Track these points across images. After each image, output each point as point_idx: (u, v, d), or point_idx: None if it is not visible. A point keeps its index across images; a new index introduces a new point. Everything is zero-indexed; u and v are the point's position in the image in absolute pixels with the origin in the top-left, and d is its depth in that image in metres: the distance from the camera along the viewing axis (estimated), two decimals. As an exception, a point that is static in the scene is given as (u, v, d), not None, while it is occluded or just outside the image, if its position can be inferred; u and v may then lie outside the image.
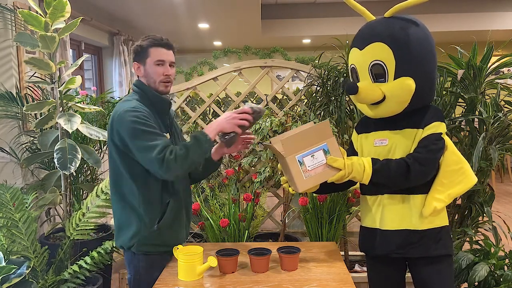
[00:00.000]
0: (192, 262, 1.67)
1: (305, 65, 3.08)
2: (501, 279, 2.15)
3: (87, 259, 2.39)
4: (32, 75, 3.06)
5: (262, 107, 1.76)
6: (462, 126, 2.49)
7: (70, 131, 2.50)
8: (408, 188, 1.67)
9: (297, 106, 3.15)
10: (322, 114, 2.88)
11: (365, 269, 2.81)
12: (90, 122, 3.06)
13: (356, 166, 1.62)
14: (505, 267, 2.20)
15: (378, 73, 1.66)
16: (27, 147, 2.99)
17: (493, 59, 2.40)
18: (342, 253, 2.80)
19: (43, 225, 3.13)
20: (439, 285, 1.70)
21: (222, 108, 4.50)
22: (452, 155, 1.69)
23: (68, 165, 2.48)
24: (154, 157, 1.60)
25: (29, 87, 3.09)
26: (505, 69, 4.88)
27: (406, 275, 1.85)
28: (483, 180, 2.41)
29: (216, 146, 1.89)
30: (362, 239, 1.86)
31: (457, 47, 2.58)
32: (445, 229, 1.71)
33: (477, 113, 2.36)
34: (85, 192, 3.19)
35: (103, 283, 2.66)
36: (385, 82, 1.66)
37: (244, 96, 3.21)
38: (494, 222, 2.37)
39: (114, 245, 2.42)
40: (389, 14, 1.69)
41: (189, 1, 4.65)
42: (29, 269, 1.99)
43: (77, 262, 2.40)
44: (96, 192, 2.58)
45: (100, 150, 3.23)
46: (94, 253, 2.41)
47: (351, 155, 1.74)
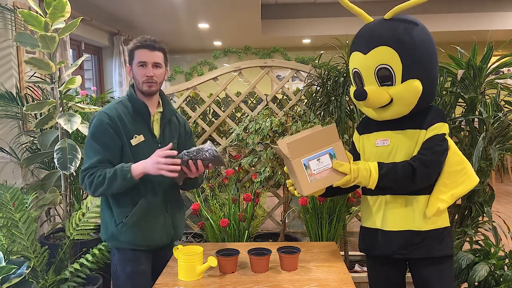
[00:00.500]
0: (192, 262, 1.67)
1: (305, 65, 3.07)
2: (501, 279, 2.15)
3: (88, 256, 2.40)
4: (32, 75, 3.06)
5: (210, 150, 1.70)
6: (462, 126, 2.49)
7: (70, 131, 2.51)
8: None
9: (297, 106, 3.15)
10: (322, 114, 2.88)
11: (365, 269, 2.81)
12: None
13: (362, 171, 1.61)
14: (505, 267, 2.20)
15: (384, 76, 1.65)
16: (27, 147, 2.99)
17: (493, 59, 2.40)
18: (342, 253, 2.80)
19: (43, 225, 3.13)
20: (440, 285, 1.70)
21: (222, 108, 4.49)
22: (455, 156, 1.69)
23: (68, 165, 2.48)
24: (81, 171, 1.78)
25: (29, 87, 3.09)
26: (505, 69, 4.88)
27: (406, 275, 1.85)
28: (483, 180, 2.41)
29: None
30: (362, 239, 1.86)
31: (457, 47, 2.57)
32: (447, 230, 1.72)
33: (477, 113, 2.35)
34: (85, 192, 3.19)
35: (103, 283, 2.66)
36: (392, 85, 1.65)
37: (244, 96, 3.21)
38: (494, 222, 2.37)
39: None
40: (389, 16, 1.68)
41: (189, 1, 4.65)
42: (29, 269, 1.99)
43: (78, 260, 2.40)
44: (96, 192, 2.57)
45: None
46: (95, 250, 2.42)
47: (352, 156, 1.74)
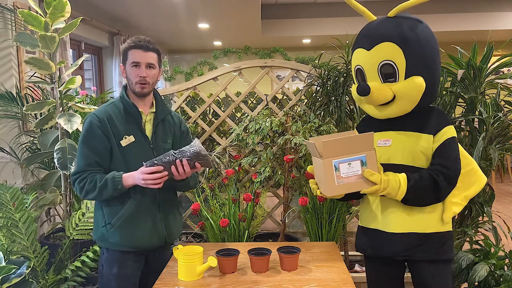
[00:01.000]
0: (192, 262, 1.67)
1: (305, 65, 3.07)
2: (501, 279, 2.15)
3: (89, 253, 2.40)
4: (32, 75, 3.06)
5: (194, 147, 1.70)
6: (462, 126, 2.49)
7: (70, 131, 2.51)
8: None
9: (297, 106, 3.15)
10: (322, 114, 2.88)
11: (365, 269, 2.80)
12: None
13: (392, 183, 1.60)
14: (505, 267, 2.20)
15: (387, 73, 1.64)
16: (27, 147, 2.99)
17: (493, 59, 2.40)
18: (342, 253, 2.80)
19: (43, 225, 3.13)
20: (440, 286, 1.70)
21: (222, 108, 4.49)
22: (463, 158, 1.70)
23: (68, 165, 2.48)
24: (71, 174, 1.81)
25: (29, 87, 3.09)
26: (505, 69, 4.88)
27: (405, 275, 1.85)
28: (483, 180, 2.41)
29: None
30: (362, 239, 1.84)
31: (457, 47, 2.58)
32: (449, 233, 1.72)
33: (477, 113, 2.35)
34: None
35: (103, 283, 2.66)
36: (395, 82, 1.64)
37: (244, 96, 3.21)
38: (494, 222, 2.37)
39: None
40: (392, 14, 1.68)
41: (189, 1, 4.65)
42: (29, 269, 2.00)
43: (79, 258, 2.40)
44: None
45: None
46: (96, 247, 2.42)
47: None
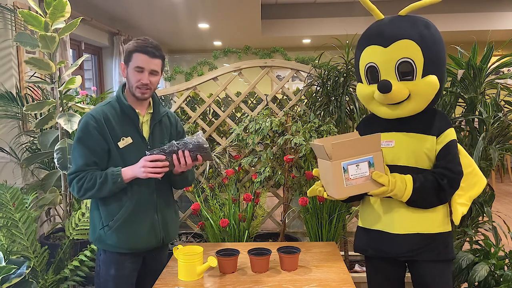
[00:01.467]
0: (192, 262, 1.67)
1: (305, 65, 3.07)
2: (501, 279, 2.15)
3: (87, 252, 2.40)
4: (32, 75, 3.06)
5: (195, 138, 1.72)
6: (462, 126, 2.49)
7: (70, 131, 2.51)
8: None
9: (297, 106, 3.15)
10: (322, 114, 2.88)
11: (365, 269, 2.80)
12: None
13: (398, 184, 1.60)
14: (505, 267, 2.20)
15: (405, 71, 1.62)
16: (27, 147, 2.99)
17: (493, 59, 2.40)
18: (342, 253, 2.80)
19: (43, 225, 3.13)
20: (441, 286, 1.70)
21: (222, 108, 4.49)
22: (465, 159, 1.70)
23: (68, 165, 2.48)
24: (68, 174, 1.78)
25: (29, 87, 3.09)
26: (505, 69, 4.87)
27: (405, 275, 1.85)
28: (483, 180, 2.41)
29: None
30: (362, 240, 1.83)
31: (457, 47, 2.57)
32: (451, 234, 1.73)
33: (477, 113, 2.35)
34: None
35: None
36: (412, 80, 1.63)
37: (244, 96, 3.21)
38: (494, 222, 2.37)
39: None
40: (404, 13, 1.68)
41: (189, 1, 4.65)
42: (29, 269, 2.00)
43: (77, 257, 2.40)
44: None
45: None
46: (93, 246, 2.42)
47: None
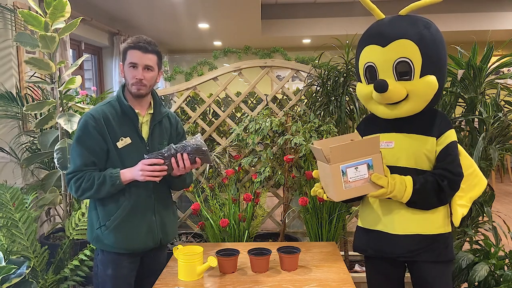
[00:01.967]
0: (192, 262, 1.67)
1: (305, 65, 3.07)
2: (501, 279, 2.15)
3: (86, 251, 2.40)
4: (32, 75, 3.06)
5: (193, 140, 1.73)
6: (462, 126, 2.49)
7: (70, 131, 2.51)
8: None
9: (297, 106, 3.15)
10: (322, 114, 2.88)
11: (365, 269, 2.80)
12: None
13: (398, 186, 1.60)
14: (505, 267, 2.20)
15: (403, 71, 1.62)
16: (27, 147, 2.99)
17: (493, 59, 2.40)
18: (342, 253, 2.80)
19: (43, 225, 3.13)
20: (441, 287, 1.70)
21: (222, 108, 4.49)
22: (466, 160, 1.70)
23: (68, 165, 2.48)
24: (66, 173, 1.80)
25: (29, 87, 3.09)
26: (505, 69, 4.88)
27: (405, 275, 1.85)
28: (483, 180, 2.41)
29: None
30: (362, 240, 1.83)
31: (457, 47, 2.57)
32: (450, 235, 1.73)
33: (477, 113, 2.35)
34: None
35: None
36: (410, 80, 1.62)
37: (244, 96, 3.21)
38: (494, 222, 2.37)
39: None
40: (404, 12, 1.67)
41: (189, 1, 4.65)
42: (29, 269, 2.00)
43: (77, 257, 2.40)
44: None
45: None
46: (93, 245, 2.42)
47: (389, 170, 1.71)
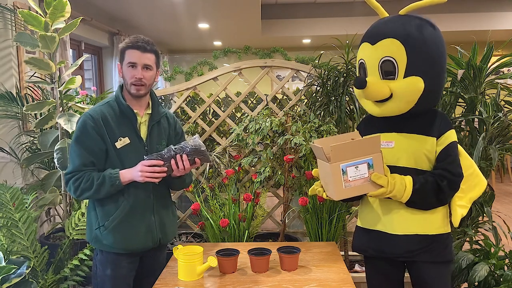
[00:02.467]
0: (192, 262, 1.67)
1: (305, 65, 3.07)
2: (501, 279, 2.15)
3: (87, 251, 2.40)
4: (32, 75, 3.06)
5: (192, 141, 1.73)
6: (462, 126, 2.49)
7: (70, 131, 2.50)
8: None
9: (297, 106, 3.15)
10: (322, 114, 2.88)
11: (364, 269, 2.80)
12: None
13: (398, 185, 1.60)
14: (505, 267, 2.20)
15: (387, 70, 1.63)
16: (27, 147, 2.99)
17: (493, 59, 2.40)
18: (342, 253, 2.80)
19: (43, 225, 3.13)
20: (440, 287, 1.70)
21: (222, 108, 4.49)
22: (466, 160, 1.70)
23: (68, 165, 2.48)
24: (65, 174, 1.81)
25: (29, 87, 3.09)
26: (505, 69, 4.88)
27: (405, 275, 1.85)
28: (483, 180, 2.41)
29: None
30: (362, 240, 1.83)
31: (457, 47, 2.57)
32: (450, 235, 1.73)
33: (477, 113, 2.35)
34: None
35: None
36: (394, 79, 1.63)
37: (244, 96, 3.21)
38: (494, 222, 2.37)
39: None
40: (403, 12, 1.68)
41: (189, 1, 4.65)
42: (29, 269, 2.00)
43: (76, 257, 2.40)
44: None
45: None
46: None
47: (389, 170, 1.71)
